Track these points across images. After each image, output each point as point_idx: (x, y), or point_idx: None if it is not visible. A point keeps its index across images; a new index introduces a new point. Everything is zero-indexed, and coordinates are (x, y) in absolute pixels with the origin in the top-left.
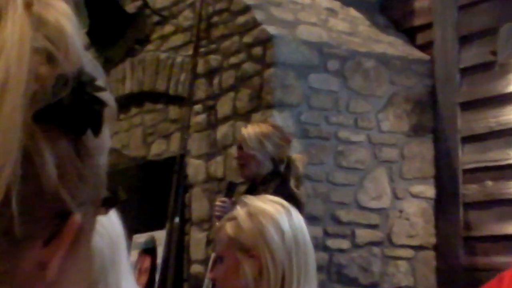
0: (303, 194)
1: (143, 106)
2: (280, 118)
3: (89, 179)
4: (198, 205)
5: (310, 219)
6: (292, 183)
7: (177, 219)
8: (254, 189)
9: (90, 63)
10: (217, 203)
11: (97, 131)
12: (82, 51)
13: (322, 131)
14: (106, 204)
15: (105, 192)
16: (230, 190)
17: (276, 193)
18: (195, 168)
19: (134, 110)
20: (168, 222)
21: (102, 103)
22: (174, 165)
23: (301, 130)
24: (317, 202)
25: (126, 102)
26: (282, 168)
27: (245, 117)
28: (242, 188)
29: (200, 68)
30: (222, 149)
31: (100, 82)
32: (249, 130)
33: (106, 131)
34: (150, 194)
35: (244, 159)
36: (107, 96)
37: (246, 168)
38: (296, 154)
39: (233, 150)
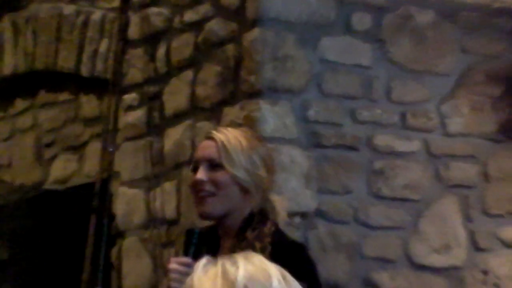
0: None
1: (36, 97)
2: (272, 113)
3: None
4: (133, 267)
5: None
6: None
7: None
8: (241, 240)
9: None
10: (172, 266)
11: None
12: None
13: (346, 135)
14: None
15: None
16: (192, 244)
17: (278, 247)
18: (127, 202)
19: (20, 104)
20: None
21: None
22: (92, 199)
23: (308, 134)
24: (340, 258)
25: (5, 91)
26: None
27: (212, 112)
28: (227, 243)
29: (134, 30)
30: (173, 168)
31: None
32: (230, 137)
33: None
34: (51, 249)
35: (219, 186)
36: None
37: (214, 201)
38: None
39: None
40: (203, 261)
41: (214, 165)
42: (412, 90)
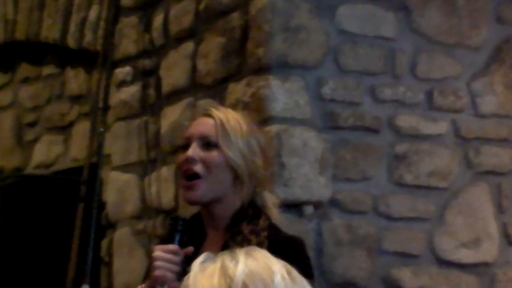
0: None
1: (16, 71)
2: (282, 91)
3: None
4: (125, 262)
5: None
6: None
7: None
8: (236, 234)
9: None
10: (158, 253)
11: None
12: None
13: (365, 116)
14: None
15: None
16: (177, 231)
17: (275, 246)
18: (119, 190)
19: None
20: None
21: None
22: (79, 185)
23: (323, 114)
24: (357, 253)
25: None
26: None
27: (215, 90)
28: (215, 236)
29: None
30: (170, 152)
31: None
32: (229, 117)
33: None
34: (32, 242)
35: (210, 168)
36: None
37: (204, 185)
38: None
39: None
40: (201, 257)
41: (208, 143)
42: (440, 66)
